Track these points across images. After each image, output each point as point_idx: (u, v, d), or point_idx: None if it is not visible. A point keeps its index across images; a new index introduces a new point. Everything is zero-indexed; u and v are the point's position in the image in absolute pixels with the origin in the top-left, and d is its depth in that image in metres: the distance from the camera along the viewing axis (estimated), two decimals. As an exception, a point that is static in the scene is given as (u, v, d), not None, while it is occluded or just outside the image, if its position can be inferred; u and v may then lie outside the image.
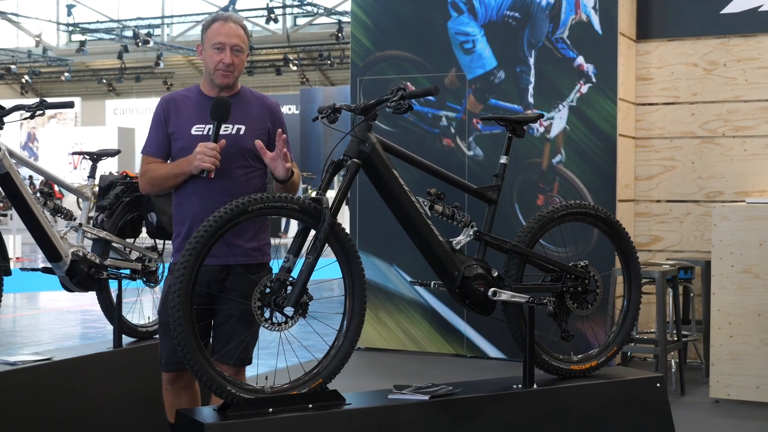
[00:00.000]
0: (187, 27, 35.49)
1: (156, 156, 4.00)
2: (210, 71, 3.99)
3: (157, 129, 4.01)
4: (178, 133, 3.97)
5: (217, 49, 3.96)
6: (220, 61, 3.95)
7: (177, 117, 3.99)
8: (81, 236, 5.06)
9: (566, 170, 7.52)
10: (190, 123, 3.97)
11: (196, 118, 3.97)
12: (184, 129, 3.96)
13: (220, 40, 3.96)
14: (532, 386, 4.08)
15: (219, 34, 3.96)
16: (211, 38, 3.98)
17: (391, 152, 3.92)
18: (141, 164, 4.04)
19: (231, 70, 3.96)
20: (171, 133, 3.99)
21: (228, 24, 3.98)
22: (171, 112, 4.00)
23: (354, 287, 3.77)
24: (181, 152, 3.94)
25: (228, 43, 3.95)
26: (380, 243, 8.06)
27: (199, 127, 3.95)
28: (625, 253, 4.47)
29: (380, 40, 8.20)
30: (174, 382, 4.08)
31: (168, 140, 3.99)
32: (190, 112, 3.98)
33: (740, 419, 5.95)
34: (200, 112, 3.96)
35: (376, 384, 5.47)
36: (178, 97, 4.05)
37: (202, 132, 3.94)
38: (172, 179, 3.92)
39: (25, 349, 8.33)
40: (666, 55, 7.71)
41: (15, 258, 16.08)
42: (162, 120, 4.00)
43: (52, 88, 41.04)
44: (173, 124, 3.98)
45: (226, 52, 3.95)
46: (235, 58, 3.96)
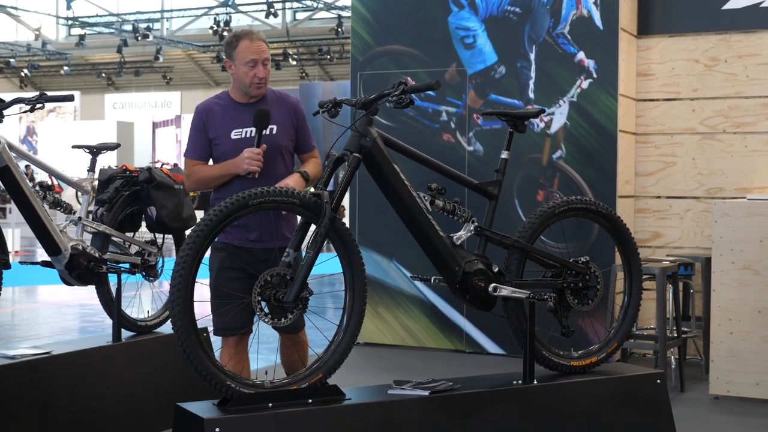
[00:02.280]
0: (186, 21, 35.44)
1: (199, 159, 4.48)
2: (245, 85, 4.43)
3: (199, 135, 4.47)
4: (220, 139, 4.43)
5: (250, 66, 4.40)
6: (254, 75, 4.40)
7: (215, 124, 4.44)
8: (80, 230, 5.05)
9: (566, 166, 7.50)
10: (228, 129, 4.42)
11: (233, 124, 4.42)
12: (224, 135, 4.42)
13: (253, 58, 4.40)
14: (532, 382, 4.07)
15: (251, 52, 4.40)
16: (242, 56, 4.41)
17: (392, 147, 3.92)
18: (185, 166, 4.53)
19: (264, 82, 4.44)
20: (212, 138, 4.44)
21: (255, 42, 4.43)
22: (209, 120, 4.46)
23: (354, 282, 3.77)
24: (223, 155, 4.41)
25: (260, 59, 4.41)
26: (380, 238, 8.05)
27: (238, 132, 4.42)
28: (625, 249, 4.47)
29: (380, 34, 8.18)
30: (237, 345, 4.37)
31: (209, 145, 4.46)
32: (227, 119, 4.44)
33: (740, 416, 5.95)
34: (236, 118, 4.43)
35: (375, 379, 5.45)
36: (213, 106, 4.50)
37: (240, 136, 4.41)
38: (219, 179, 4.39)
39: (24, 343, 8.32)
40: (667, 51, 7.69)
41: (14, 251, 16.07)
42: (202, 127, 4.46)
43: (51, 81, 40.99)
44: (213, 131, 4.44)
45: (259, 67, 4.40)
46: (265, 71, 4.43)
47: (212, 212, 3.49)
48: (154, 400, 5.15)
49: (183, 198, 5.28)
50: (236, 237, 4.39)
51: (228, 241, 4.41)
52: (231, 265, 4.37)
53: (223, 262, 4.39)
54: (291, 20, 34.19)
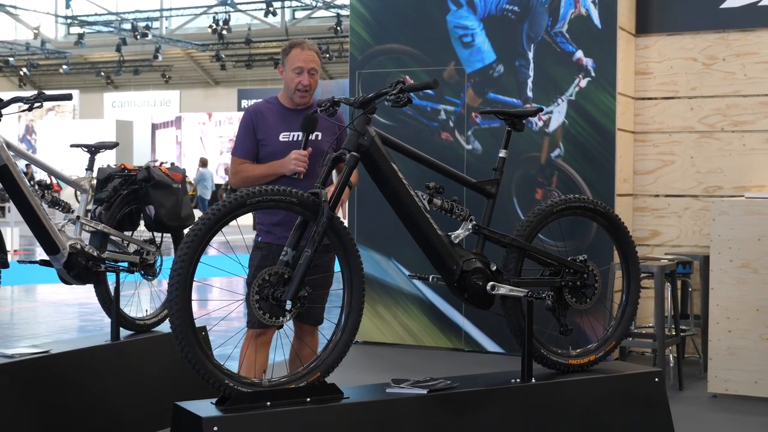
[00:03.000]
0: (185, 20, 35.44)
1: (246, 158, 4.65)
2: (291, 91, 4.63)
3: (247, 135, 4.65)
4: (268, 140, 4.62)
5: (296, 72, 4.59)
6: (299, 82, 4.59)
7: (264, 126, 4.63)
8: (79, 229, 5.05)
9: (565, 164, 7.51)
10: (277, 131, 4.62)
11: (281, 128, 4.62)
12: (272, 137, 4.62)
13: (299, 65, 4.59)
14: (530, 380, 4.08)
15: (299, 60, 4.59)
16: (291, 63, 4.61)
17: (390, 146, 3.92)
18: (232, 164, 4.71)
19: (308, 90, 4.61)
20: (260, 139, 4.63)
21: (305, 51, 4.62)
22: (259, 122, 4.64)
23: (352, 281, 3.78)
24: (270, 156, 4.59)
25: (306, 68, 4.59)
26: (379, 237, 8.05)
27: (286, 135, 4.61)
28: (623, 248, 4.48)
29: (379, 33, 8.19)
30: (259, 336, 4.51)
31: (256, 145, 4.64)
32: (276, 122, 4.63)
33: (738, 414, 5.95)
34: (284, 121, 4.62)
35: (374, 378, 5.45)
36: (263, 108, 4.69)
37: (288, 139, 4.59)
38: (266, 178, 4.53)
39: (22, 342, 8.32)
40: (665, 50, 7.69)
41: (13, 250, 16.07)
42: (251, 128, 4.64)
43: (50, 80, 40.98)
44: (262, 132, 4.63)
45: (304, 75, 4.59)
46: (311, 80, 4.61)
47: (210, 211, 3.50)
48: (153, 399, 5.15)
49: (181, 197, 5.28)
50: (277, 236, 4.51)
51: (270, 241, 4.56)
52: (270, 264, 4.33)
53: (263, 259, 4.51)
54: (290, 19, 34.19)
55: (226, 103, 36.93)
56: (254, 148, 4.64)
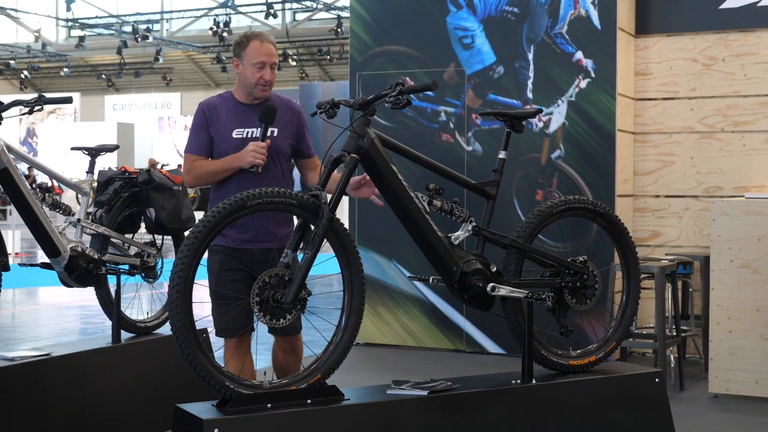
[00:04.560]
0: (186, 22, 35.45)
1: (200, 154, 4.45)
2: (250, 86, 4.42)
3: (201, 131, 4.46)
4: (220, 137, 4.43)
5: (258, 68, 4.39)
6: (261, 77, 4.40)
7: (218, 122, 4.44)
8: (80, 231, 5.05)
9: (565, 165, 7.51)
10: (230, 128, 4.42)
11: (234, 124, 4.43)
12: (225, 133, 4.42)
13: (261, 60, 4.39)
14: (531, 381, 4.08)
15: (260, 54, 4.40)
16: (251, 57, 4.40)
17: (390, 147, 3.92)
18: (185, 162, 4.51)
19: (269, 85, 4.44)
20: (213, 136, 4.44)
21: (265, 44, 4.43)
22: (212, 118, 4.45)
23: (353, 282, 3.78)
24: (223, 154, 4.40)
25: (268, 62, 4.41)
26: (379, 238, 8.06)
27: (239, 131, 4.42)
28: (623, 249, 4.48)
29: (379, 35, 8.19)
30: (239, 347, 4.39)
31: (210, 142, 4.45)
32: (229, 118, 4.44)
33: (739, 414, 5.95)
34: (238, 118, 4.44)
35: (374, 379, 5.47)
36: (216, 104, 4.49)
37: (242, 136, 4.41)
38: (221, 173, 4.37)
39: (24, 345, 8.33)
40: (665, 50, 7.70)
41: (14, 253, 16.08)
42: (204, 124, 4.45)
43: (51, 83, 40.99)
44: (214, 129, 4.44)
45: (266, 70, 4.41)
46: (272, 74, 4.44)
47: (210, 214, 3.50)
48: (154, 401, 5.15)
49: (182, 199, 5.29)
50: (231, 239, 4.36)
51: (225, 244, 4.37)
52: (231, 267, 4.37)
53: (222, 264, 4.38)
54: (290, 21, 34.20)
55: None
56: (208, 144, 4.44)
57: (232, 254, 4.38)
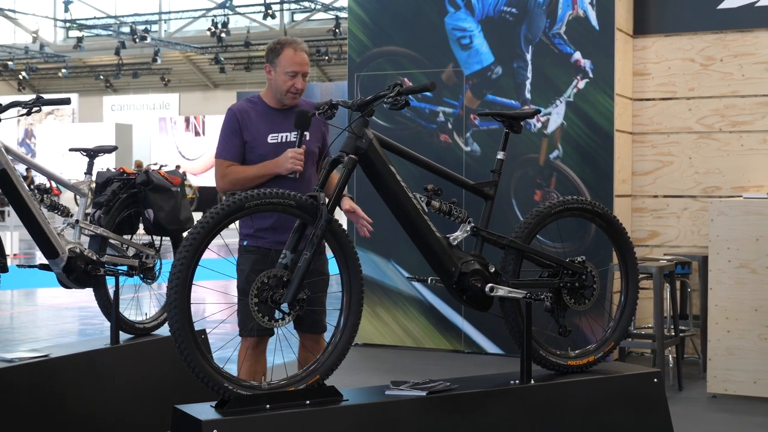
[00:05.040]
0: (184, 23, 35.45)
1: (234, 160, 4.47)
2: (281, 93, 4.48)
3: (233, 137, 4.48)
4: (256, 142, 4.45)
5: (290, 75, 4.45)
6: (292, 85, 4.46)
7: (251, 127, 4.47)
8: (78, 233, 5.05)
9: (563, 166, 7.51)
10: (265, 133, 4.47)
11: (269, 129, 4.47)
12: (260, 138, 4.46)
13: (294, 69, 4.46)
14: (529, 382, 4.08)
15: (293, 63, 4.46)
16: (284, 65, 4.46)
17: (388, 148, 3.92)
18: (218, 167, 4.50)
19: (300, 93, 4.50)
20: (247, 141, 4.46)
21: (299, 53, 4.50)
22: (245, 122, 4.48)
23: (351, 283, 3.78)
24: (260, 159, 4.43)
25: (300, 71, 4.48)
26: (378, 239, 8.03)
27: (274, 136, 4.47)
28: (622, 249, 4.48)
29: (377, 35, 8.20)
30: (256, 347, 4.41)
31: (243, 147, 4.47)
32: (263, 123, 4.48)
33: (737, 414, 5.96)
34: (272, 122, 4.48)
35: (373, 380, 5.47)
36: (248, 109, 4.52)
37: (277, 140, 4.46)
38: (258, 179, 4.39)
39: (22, 346, 8.32)
40: (663, 51, 7.70)
41: (12, 255, 16.07)
42: (237, 129, 4.47)
43: (49, 84, 40.98)
44: (248, 134, 4.46)
45: (298, 79, 4.47)
46: (303, 83, 4.49)
47: (209, 215, 3.50)
48: (153, 403, 5.15)
49: (180, 200, 5.29)
50: (267, 240, 4.40)
51: (260, 245, 4.42)
52: (262, 268, 4.29)
53: (254, 264, 4.39)
54: (289, 21, 34.20)
55: (225, 106, 36.86)
56: (241, 149, 4.46)
57: (266, 255, 4.37)
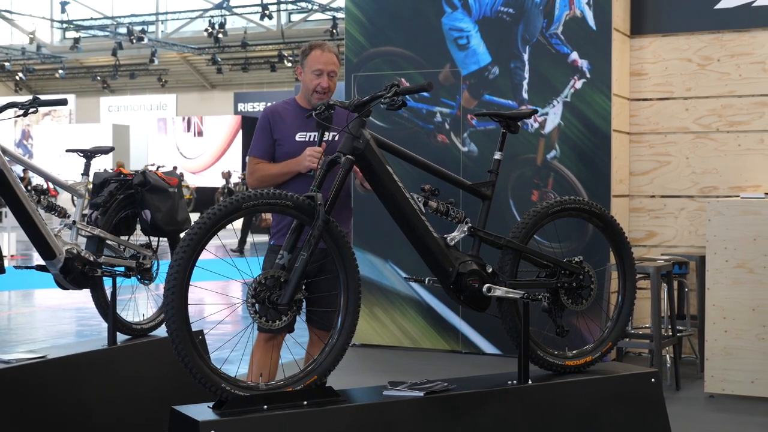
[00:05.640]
0: (181, 24, 35.45)
1: (263, 158, 4.64)
2: (309, 92, 4.63)
3: (264, 135, 4.65)
4: (284, 140, 4.61)
5: (316, 74, 4.60)
6: (318, 84, 4.60)
7: (281, 126, 4.63)
8: (75, 234, 5.04)
9: (561, 166, 7.52)
10: (293, 131, 4.61)
11: (298, 127, 4.61)
12: (288, 137, 4.61)
13: (319, 67, 4.60)
14: (527, 382, 4.08)
15: (319, 62, 4.61)
16: (311, 64, 4.62)
17: (385, 148, 3.93)
18: (249, 164, 4.71)
19: (326, 91, 4.62)
20: (277, 139, 4.63)
21: (326, 53, 4.64)
22: (276, 122, 4.64)
23: (348, 284, 3.78)
24: (286, 156, 4.58)
25: (326, 70, 4.61)
26: (375, 239, 8.06)
27: (302, 135, 4.60)
28: (619, 249, 4.48)
29: (374, 36, 8.20)
30: (269, 340, 4.52)
31: (273, 145, 4.64)
32: (293, 122, 4.63)
33: (735, 414, 5.96)
34: (301, 122, 4.61)
35: (371, 380, 5.46)
36: (280, 109, 4.69)
37: (304, 139, 4.59)
38: (281, 177, 4.54)
39: (19, 347, 8.32)
40: (660, 51, 7.71)
41: (9, 256, 16.06)
42: (267, 128, 4.65)
43: (46, 85, 40.97)
44: (278, 132, 4.63)
45: (324, 77, 4.60)
46: (330, 82, 4.62)
47: (206, 215, 3.50)
48: (150, 403, 5.14)
49: (177, 201, 5.28)
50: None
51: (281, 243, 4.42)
52: None
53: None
54: (286, 22, 34.22)
55: (223, 107, 36.93)
56: (270, 147, 4.63)
57: None
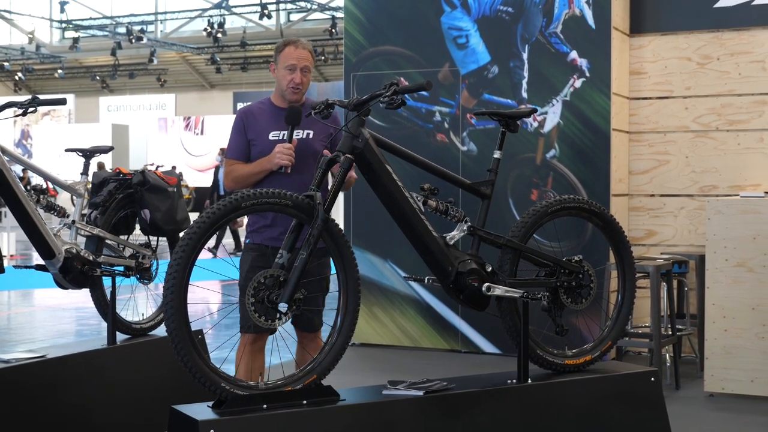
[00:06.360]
0: (180, 23, 35.43)
1: (238, 159, 4.62)
2: (283, 88, 4.59)
3: (238, 136, 4.64)
4: (257, 140, 4.59)
5: (289, 70, 4.56)
6: (291, 80, 4.55)
7: (254, 126, 4.60)
8: (74, 233, 5.04)
9: (560, 165, 7.52)
10: (266, 131, 4.59)
11: (271, 126, 4.58)
12: (261, 136, 4.59)
13: (292, 63, 4.56)
14: (526, 381, 4.07)
15: (291, 57, 4.57)
16: (284, 60, 4.58)
17: (385, 148, 3.92)
18: (225, 166, 4.70)
19: (300, 88, 4.57)
20: (251, 139, 4.60)
21: (299, 49, 4.59)
22: (249, 122, 4.62)
23: (348, 283, 3.78)
24: (260, 155, 4.54)
25: (299, 65, 4.56)
26: (374, 238, 8.05)
27: (275, 134, 4.57)
28: (619, 248, 4.48)
29: (373, 35, 8.19)
30: (254, 342, 4.50)
31: (248, 145, 4.61)
32: (266, 121, 4.61)
33: (735, 413, 5.96)
34: (274, 120, 4.58)
35: (370, 380, 5.46)
36: (254, 109, 4.68)
37: (277, 137, 4.55)
38: (255, 176, 4.51)
39: (19, 347, 8.32)
40: (659, 50, 7.71)
41: (9, 255, 16.06)
42: (242, 129, 4.63)
43: (45, 85, 40.95)
44: (252, 132, 4.60)
45: (297, 73, 4.55)
46: (303, 78, 4.57)
47: (205, 215, 3.50)
48: (150, 403, 5.14)
49: (177, 200, 5.28)
50: (263, 237, 4.53)
51: (258, 242, 4.55)
52: (260, 265, 4.38)
53: (254, 261, 4.51)
54: (285, 21, 34.20)
55: (222, 106, 36.93)
56: (245, 148, 4.61)
57: (264, 253, 4.50)
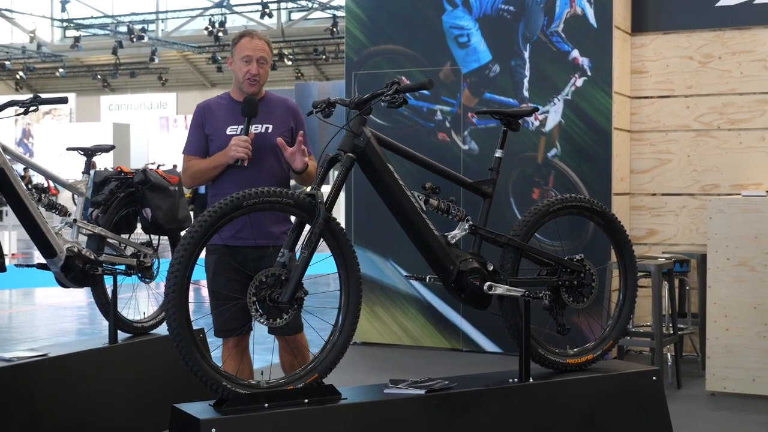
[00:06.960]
0: (181, 22, 35.42)
1: (195, 155, 4.53)
2: (239, 80, 4.51)
3: (196, 132, 4.55)
4: (215, 135, 4.50)
5: (245, 61, 4.48)
6: (247, 71, 4.47)
7: (212, 121, 4.52)
8: (76, 232, 5.05)
9: (561, 164, 7.51)
10: (224, 125, 4.50)
11: (229, 121, 4.50)
12: (219, 131, 4.50)
13: (247, 54, 4.48)
14: (528, 380, 4.07)
15: (247, 49, 4.49)
16: (240, 52, 4.51)
17: (386, 146, 3.92)
18: (183, 163, 4.59)
19: (257, 79, 4.49)
20: (208, 134, 4.51)
21: (254, 40, 4.52)
22: (207, 117, 4.54)
23: (349, 282, 3.78)
24: (218, 150, 4.45)
25: (254, 57, 4.48)
26: (376, 237, 8.05)
27: (233, 128, 4.47)
28: (620, 247, 4.47)
29: (375, 34, 8.19)
30: (237, 345, 4.45)
31: (206, 141, 4.52)
32: (224, 115, 4.52)
33: (736, 412, 5.95)
34: (232, 115, 4.50)
35: (371, 379, 5.46)
36: (212, 104, 4.59)
37: (235, 132, 4.46)
38: (212, 171, 4.44)
39: (20, 345, 8.32)
40: (661, 48, 7.70)
41: (11, 254, 16.06)
42: (200, 123, 4.54)
43: (46, 84, 40.94)
44: (209, 127, 4.52)
45: (253, 64, 4.48)
46: (260, 69, 4.49)
47: (207, 213, 3.50)
48: (151, 402, 5.15)
49: (178, 199, 5.28)
50: (225, 236, 4.37)
51: (219, 242, 4.41)
52: (225, 266, 4.39)
53: (217, 263, 4.43)
54: (286, 20, 34.18)
55: (223, 105, 36.85)
56: (203, 144, 4.52)
57: (226, 253, 4.41)
